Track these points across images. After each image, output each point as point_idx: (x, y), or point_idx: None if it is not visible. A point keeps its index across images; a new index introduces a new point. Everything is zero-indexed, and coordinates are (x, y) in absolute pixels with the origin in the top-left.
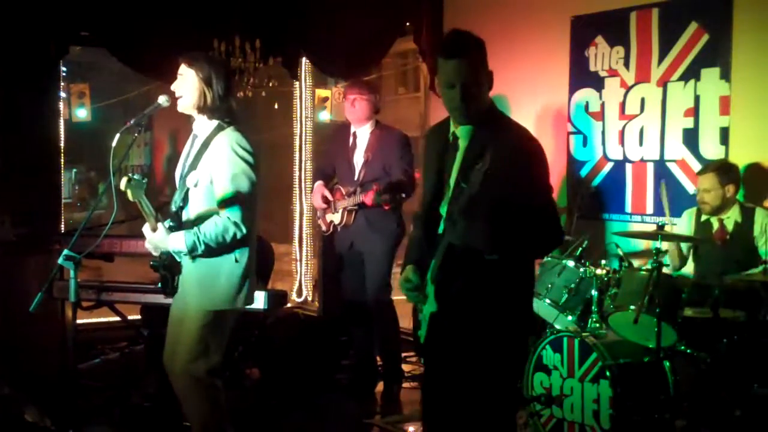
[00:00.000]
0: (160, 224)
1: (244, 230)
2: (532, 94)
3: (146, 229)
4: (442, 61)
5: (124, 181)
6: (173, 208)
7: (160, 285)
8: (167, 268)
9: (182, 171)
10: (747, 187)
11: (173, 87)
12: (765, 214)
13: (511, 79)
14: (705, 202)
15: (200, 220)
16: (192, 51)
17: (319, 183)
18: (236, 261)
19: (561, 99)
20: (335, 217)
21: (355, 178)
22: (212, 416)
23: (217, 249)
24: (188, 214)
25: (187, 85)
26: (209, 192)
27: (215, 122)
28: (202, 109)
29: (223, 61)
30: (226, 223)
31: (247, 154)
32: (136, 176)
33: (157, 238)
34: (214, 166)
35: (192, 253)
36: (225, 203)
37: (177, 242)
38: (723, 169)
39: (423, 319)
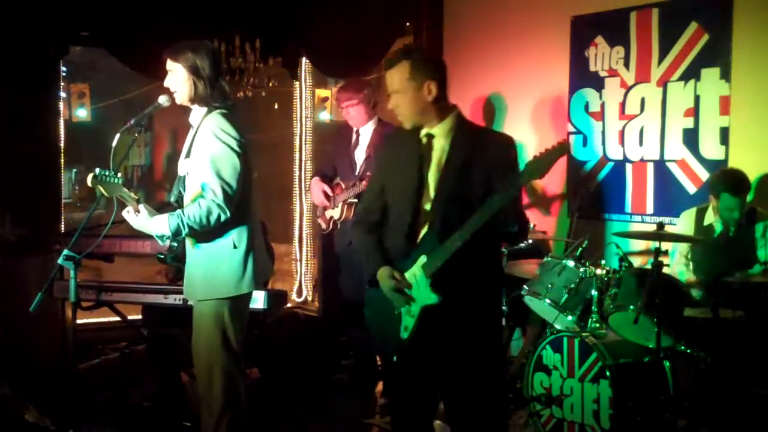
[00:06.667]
0: (142, 206)
1: (228, 213)
2: (532, 94)
3: (128, 213)
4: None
5: (90, 177)
6: (172, 198)
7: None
8: (177, 259)
9: (181, 162)
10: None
11: (165, 84)
12: (766, 216)
13: (510, 78)
14: (735, 218)
15: None
16: (175, 44)
17: (315, 178)
18: (235, 246)
19: (561, 99)
20: (335, 213)
21: (356, 173)
22: (231, 406)
23: (201, 232)
24: (187, 202)
25: (178, 80)
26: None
27: (206, 109)
28: (194, 99)
29: (207, 44)
30: (210, 205)
31: (227, 137)
32: (104, 171)
33: (140, 221)
34: (199, 151)
35: (176, 236)
36: (207, 186)
37: (160, 225)
38: (750, 185)
39: (408, 316)
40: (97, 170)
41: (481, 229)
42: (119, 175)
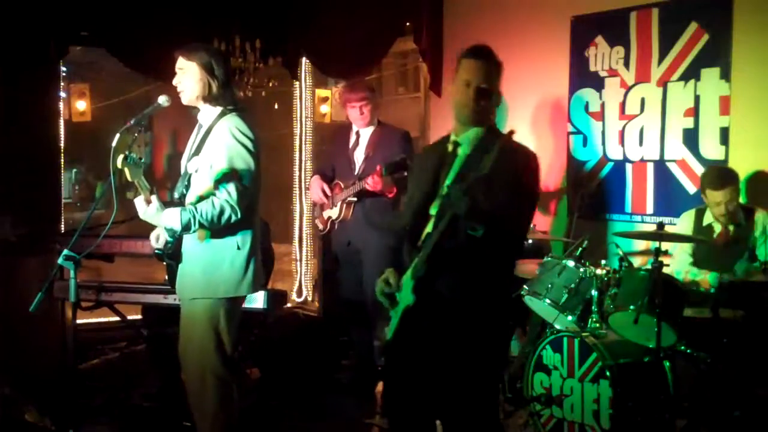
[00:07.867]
0: (154, 197)
1: (240, 214)
2: (532, 94)
3: (140, 202)
4: (465, 61)
5: (120, 158)
6: (176, 195)
7: (166, 277)
8: (172, 257)
9: (187, 159)
10: (749, 189)
11: (174, 82)
12: (765, 215)
13: (510, 79)
14: (729, 212)
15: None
16: (187, 44)
17: (315, 177)
18: (238, 248)
19: (561, 99)
20: (333, 212)
21: (355, 173)
22: (224, 410)
23: (210, 230)
24: (190, 200)
25: (189, 77)
26: (210, 177)
27: (219, 109)
28: (207, 98)
29: (219, 50)
30: (223, 204)
31: (245, 139)
32: (133, 155)
33: (150, 212)
34: (213, 150)
35: (185, 231)
36: (222, 186)
37: (171, 218)
38: (735, 178)
39: (394, 316)
40: (127, 152)
41: (446, 231)
42: (142, 160)
